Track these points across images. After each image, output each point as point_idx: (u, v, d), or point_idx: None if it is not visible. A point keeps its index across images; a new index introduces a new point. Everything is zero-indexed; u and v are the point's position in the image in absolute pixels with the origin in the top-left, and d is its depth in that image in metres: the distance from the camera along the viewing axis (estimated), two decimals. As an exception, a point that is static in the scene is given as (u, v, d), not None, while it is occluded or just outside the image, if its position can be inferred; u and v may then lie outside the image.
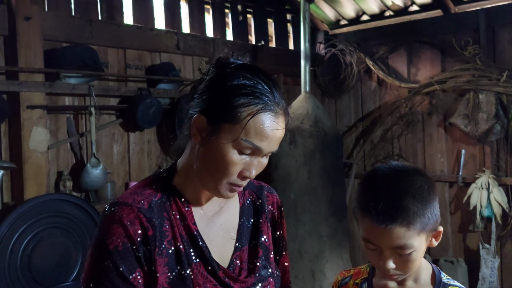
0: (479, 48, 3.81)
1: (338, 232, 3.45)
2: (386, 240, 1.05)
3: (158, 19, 3.54)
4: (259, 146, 1.02)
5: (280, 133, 1.05)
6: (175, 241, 1.05)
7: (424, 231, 1.08)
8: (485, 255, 3.76)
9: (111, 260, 0.99)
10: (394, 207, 1.04)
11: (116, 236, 1.00)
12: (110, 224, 1.01)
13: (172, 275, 1.04)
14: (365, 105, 4.57)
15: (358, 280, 1.26)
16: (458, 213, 4.05)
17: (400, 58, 4.33)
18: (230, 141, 1.02)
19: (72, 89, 2.83)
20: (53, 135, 2.85)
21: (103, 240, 1.00)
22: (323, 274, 3.29)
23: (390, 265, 1.08)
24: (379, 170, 1.15)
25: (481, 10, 3.88)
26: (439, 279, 1.16)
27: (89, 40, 2.98)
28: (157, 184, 1.10)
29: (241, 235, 1.16)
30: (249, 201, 1.21)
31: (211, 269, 1.07)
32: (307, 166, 3.43)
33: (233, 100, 1.01)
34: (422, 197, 1.07)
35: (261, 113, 1.01)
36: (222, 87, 1.04)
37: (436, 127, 4.15)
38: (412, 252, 1.07)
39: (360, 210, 1.10)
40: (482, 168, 3.86)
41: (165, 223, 1.05)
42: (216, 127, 1.03)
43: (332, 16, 4.63)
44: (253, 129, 1.01)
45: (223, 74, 1.06)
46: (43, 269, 2.55)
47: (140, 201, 1.04)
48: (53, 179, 2.85)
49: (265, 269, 1.15)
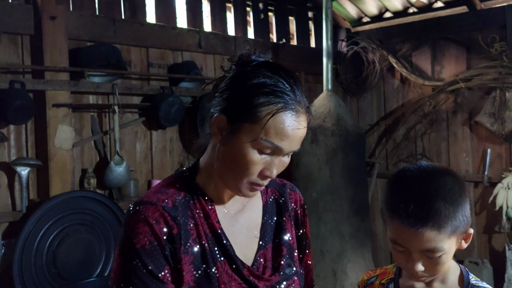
0: (506, 45, 3.72)
1: (360, 232, 3.42)
2: (416, 243, 1.04)
3: (180, 18, 3.56)
4: (279, 146, 1.01)
5: (302, 132, 1.04)
6: (199, 240, 1.05)
7: (455, 234, 1.06)
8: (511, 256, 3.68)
9: (139, 259, 0.99)
10: (425, 210, 1.02)
11: (142, 235, 1.00)
12: (136, 223, 1.01)
13: (198, 274, 1.04)
14: (387, 104, 4.51)
15: (384, 280, 1.24)
16: (483, 213, 3.97)
17: (424, 56, 4.26)
18: (250, 140, 1.01)
19: (96, 87, 2.86)
20: (77, 133, 2.89)
21: (130, 240, 1.00)
22: (345, 274, 3.26)
23: (419, 268, 1.06)
24: (408, 171, 1.12)
25: (508, 6, 3.79)
26: (467, 281, 1.14)
27: (112, 39, 3.01)
28: (180, 183, 1.10)
29: (264, 233, 1.16)
30: (272, 199, 1.21)
31: (235, 267, 1.07)
32: (329, 165, 3.40)
33: (253, 99, 1.01)
34: (453, 199, 1.04)
35: (281, 112, 1.00)
36: (243, 86, 1.03)
37: (461, 125, 4.08)
38: (442, 255, 1.05)
39: (389, 211, 1.08)
40: (509, 168, 3.78)
41: (190, 221, 1.06)
42: (236, 126, 1.02)
43: (354, 13, 4.58)
44: (273, 129, 1.00)
45: (244, 72, 1.05)
46: (68, 265, 2.59)
47: (164, 200, 1.04)
48: (77, 177, 2.89)
49: (289, 267, 1.15)
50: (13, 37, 2.67)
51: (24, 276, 2.43)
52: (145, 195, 1.08)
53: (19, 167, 2.55)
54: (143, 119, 3.16)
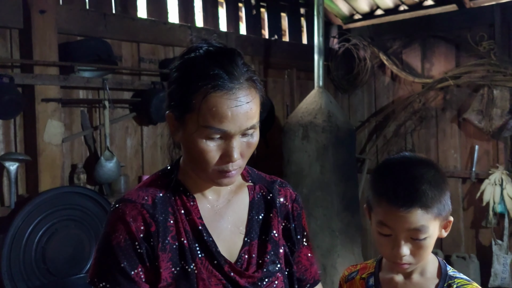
0: (494, 44, 3.78)
1: (350, 227, 3.45)
2: (403, 223, 1.07)
3: (171, 13, 3.55)
4: (222, 129, 0.98)
5: (244, 108, 0.98)
6: (179, 236, 1.05)
7: (439, 218, 1.11)
8: (498, 251, 3.75)
9: (113, 256, 1.00)
10: (413, 191, 1.07)
11: (118, 232, 1.01)
12: (114, 220, 1.02)
13: (176, 270, 1.04)
14: (378, 100, 4.55)
15: (364, 274, 1.27)
16: (471, 209, 4.03)
17: (414, 53, 4.30)
18: (195, 130, 0.99)
19: (86, 82, 2.85)
20: (67, 128, 2.88)
21: (108, 236, 1.02)
22: (335, 269, 3.29)
23: (404, 251, 1.09)
24: (393, 159, 1.20)
25: (497, 5, 3.84)
26: (445, 272, 1.17)
27: (103, 33, 2.99)
28: (162, 180, 1.10)
29: (250, 230, 1.14)
30: (259, 195, 1.19)
31: (216, 263, 1.07)
32: (320, 161, 3.42)
33: (186, 89, 0.99)
34: (438, 184, 1.10)
35: (211, 94, 0.96)
36: (177, 78, 1.03)
37: (450, 122, 4.13)
38: (426, 237, 1.09)
39: (377, 195, 1.12)
40: (496, 164, 3.84)
41: (170, 218, 1.05)
42: (181, 120, 1.02)
43: (346, 10, 4.60)
44: (209, 113, 0.97)
45: (179, 64, 1.04)
46: (57, 260, 2.58)
47: (144, 197, 1.05)
48: (67, 172, 2.87)
49: (273, 264, 1.14)
50: (2, 31, 2.64)
51: (13, 271, 2.42)
52: (128, 192, 1.09)
53: (7, 162, 2.53)
54: (134, 115, 3.15)
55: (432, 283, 1.15)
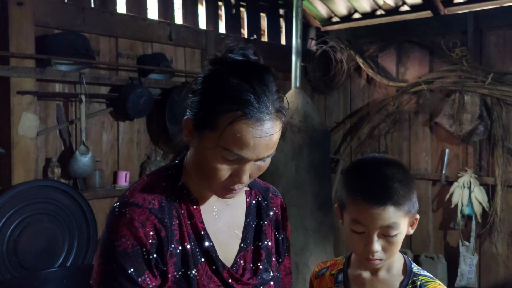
0: (467, 50, 3.88)
1: (323, 226, 3.51)
2: (377, 220, 1.12)
3: (151, 9, 3.54)
4: (240, 155, 0.96)
5: (267, 140, 0.97)
6: (182, 241, 1.04)
7: (409, 214, 1.16)
8: (465, 252, 3.84)
9: (120, 263, 0.97)
10: (386, 189, 1.12)
11: (125, 238, 0.97)
12: (121, 226, 0.99)
13: (178, 275, 1.03)
14: (353, 102, 4.62)
15: (334, 271, 1.31)
16: (440, 210, 4.13)
17: (389, 57, 4.38)
18: (211, 148, 0.97)
19: (63, 76, 2.83)
20: (42, 121, 2.85)
21: (112, 242, 0.98)
22: (307, 267, 3.34)
23: (376, 247, 1.13)
24: (365, 159, 1.25)
25: (470, 13, 3.94)
26: (410, 269, 1.22)
27: (81, 27, 2.97)
28: (166, 182, 1.07)
29: (246, 235, 1.15)
30: (255, 201, 1.20)
31: (215, 268, 1.07)
32: (295, 160, 3.47)
33: (214, 105, 0.96)
34: (407, 182, 1.16)
35: (239, 121, 0.94)
36: (208, 90, 0.99)
37: (422, 126, 4.23)
38: (397, 234, 1.14)
39: (351, 194, 1.16)
40: (465, 168, 3.94)
41: (174, 221, 1.04)
42: (199, 132, 1.00)
43: (324, 12, 4.66)
44: (231, 138, 0.95)
45: (213, 75, 1.01)
46: (29, 254, 2.56)
47: (151, 201, 1.02)
48: (41, 166, 2.85)
49: (266, 272, 1.15)
50: (-22, 22, 2.61)
51: (-16, 264, 2.40)
52: (130, 193, 1.04)
53: (-20, 154, 2.50)
54: (111, 110, 3.14)
55: (397, 280, 1.20)
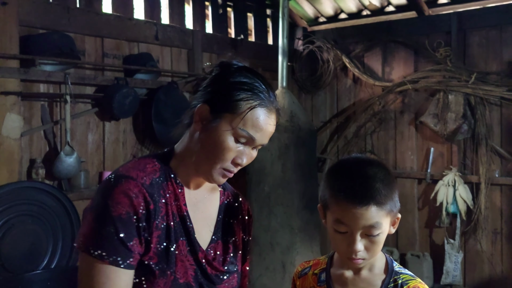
0: (450, 50, 3.92)
1: (309, 225, 3.53)
2: (360, 220, 1.13)
3: (137, 8, 3.53)
4: (253, 136, 1.14)
5: (272, 128, 1.18)
6: (167, 218, 1.15)
7: (391, 214, 1.18)
8: (450, 249, 3.88)
9: (114, 226, 1.07)
10: (368, 189, 1.13)
11: (121, 205, 1.08)
12: (117, 193, 1.09)
13: (161, 248, 1.13)
14: (340, 102, 4.65)
15: (317, 270, 1.32)
16: (425, 209, 4.18)
17: (375, 57, 4.42)
18: (229, 129, 1.14)
19: (47, 76, 2.81)
20: (26, 122, 2.83)
21: (108, 207, 1.08)
22: (294, 266, 3.36)
23: (359, 247, 1.15)
24: (347, 159, 1.27)
25: (454, 14, 3.99)
26: (391, 268, 1.23)
27: (66, 27, 2.96)
28: (157, 164, 1.19)
29: (217, 229, 1.26)
30: (227, 201, 1.32)
31: (191, 249, 1.18)
32: (282, 160, 3.49)
33: (235, 94, 1.14)
34: (389, 182, 1.17)
35: (258, 108, 1.14)
36: (226, 82, 1.17)
37: (408, 125, 4.27)
38: (379, 233, 1.15)
39: (334, 194, 1.17)
40: (449, 166, 3.99)
41: (161, 199, 1.15)
42: (217, 115, 1.15)
43: (311, 13, 4.69)
44: (250, 121, 1.14)
45: (227, 72, 1.19)
46: (13, 256, 2.53)
47: (143, 177, 1.13)
48: (25, 167, 2.83)
49: (232, 264, 1.27)
50: (-40, 21, 2.58)
51: (-33, 267, 2.37)
52: (124, 169, 1.16)
53: (-37, 156, 2.47)
54: (96, 110, 3.13)
55: (379, 278, 1.22)
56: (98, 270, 1.06)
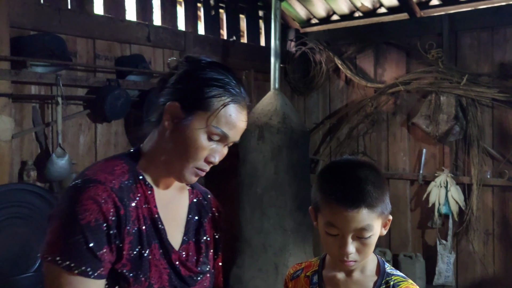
0: (442, 52, 3.94)
1: (302, 227, 3.53)
2: (351, 223, 1.12)
3: (129, 10, 3.52)
4: (227, 134, 1.12)
5: (244, 124, 1.17)
6: (138, 222, 1.11)
7: (382, 216, 1.17)
8: (442, 250, 3.90)
9: (82, 235, 1.02)
10: (360, 192, 1.13)
11: (89, 212, 1.02)
12: (85, 199, 1.03)
13: (133, 253, 1.10)
14: (332, 103, 4.66)
15: (309, 272, 1.32)
16: (417, 210, 4.19)
17: (367, 59, 4.43)
18: (202, 127, 1.11)
19: (38, 78, 2.80)
20: (18, 124, 2.81)
21: (76, 215, 1.02)
22: (287, 268, 3.35)
23: (351, 249, 1.14)
24: (338, 162, 1.27)
25: (445, 15, 4.02)
26: (383, 270, 1.23)
27: (57, 29, 2.94)
28: (125, 166, 1.14)
29: (188, 230, 1.24)
30: (196, 199, 1.30)
31: (163, 251, 1.15)
32: (274, 161, 3.49)
33: (207, 91, 1.12)
34: (380, 184, 1.17)
35: (231, 104, 1.12)
36: (197, 79, 1.14)
37: (400, 126, 4.28)
38: (371, 236, 1.15)
39: (326, 196, 1.17)
40: (441, 167, 4.01)
41: (131, 203, 1.11)
42: (189, 113, 1.12)
43: (303, 14, 4.70)
44: (224, 118, 1.11)
45: (196, 68, 1.15)
46: (2, 259, 2.51)
47: (112, 181, 1.08)
48: (16, 169, 2.81)
49: (204, 265, 1.24)
50: (-50, 22, 2.56)
51: (-44, 270, 2.35)
52: (91, 172, 1.10)
53: (-47, 158, 2.45)
54: (88, 112, 3.12)
55: (371, 280, 1.21)
56: (66, 282, 1.01)
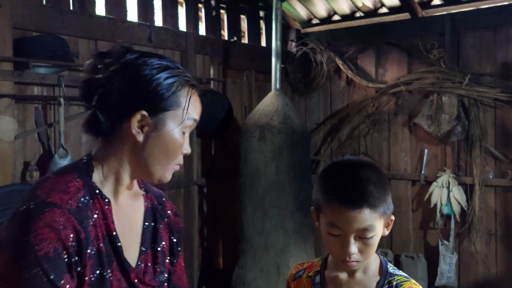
0: (444, 52, 3.94)
1: (303, 227, 3.53)
2: (353, 223, 1.12)
3: (130, 11, 3.53)
4: (197, 119, 1.13)
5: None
6: (97, 242, 1.04)
7: (384, 216, 1.17)
8: (444, 251, 3.90)
9: (41, 268, 0.93)
10: (361, 192, 1.13)
11: (47, 241, 0.93)
12: (40, 228, 0.93)
13: (94, 276, 1.02)
14: (333, 104, 4.67)
15: (311, 273, 1.32)
16: (419, 210, 4.19)
17: (368, 59, 4.43)
18: (177, 125, 1.09)
19: (41, 79, 2.80)
20: (20, 124, 2.82)
21: (32, 246, 0.92)
22: (288, 268, 3.36)
23: (353, 249, 1.14)
24: (340, 162, 1.26)
25: (447, 15, 4.01)
26: (385, 270, 1.23)
27: (59, 30, 2.95)
28: (79, 181, 1.05)
29: (145, 239, 1.17)
30: (151, 205, 1.23)
31: (122, 269, 1.08)
32: (275, 162, 3.49)
33: (166, 87, 1.07)
34: (382, 185, 1.16)
35: (193, 90, 1.12)
36: (147, 79, 1.06)
37: (401, 126, 4.28)
38: (373, 236, 1.15)
39: (327, 196, 1.17)
40: (443, 168, 4.00)
41: (90, 221, 1.03)
42: (160, 117, 1.07)
43: (304, 14, 4.70)
44: (192, 106, 1.12)
45: (136, 66, 1.07)
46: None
47: (68, 201, 0.99)
48: (19, 169, 2.82)
49: (162, 274, 1.19)
50: (-47, 24, 2.57)
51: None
52: (43, 192, 0.99)
53: (-44, 159, 2.46)
54: (90, 112, 3.12)
55: (373, 280, 1.21)
56: None
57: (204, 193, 3.94)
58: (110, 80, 1.07)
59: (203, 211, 3.97)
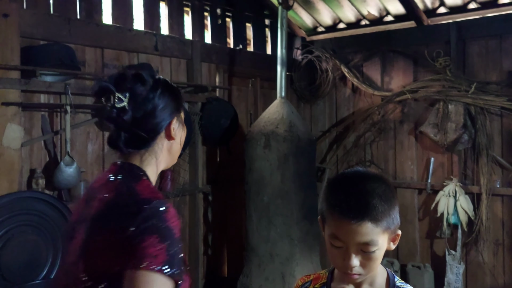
0: (450, 60, 3.93)
1: (309, 236, 3.51)
2: (354, 236, 1.11)
3: (137, 19, 3.55)
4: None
5: None
6: None
7: (388, 231, 1.15)
8: (451, 261, 3.86)
9: (178, 247, 1.19)
10: (364, 205, 1.11)
11: (177, 228, 1.21)
12: (171, 217, 1.20)
13: None
14: (339, 111, 4.66)
15: (317, 285, 1.31)
16: (426, 219, 4.16)
17: (374, 67, 4.43)
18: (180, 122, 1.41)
19: (48, 87, 2.82)
20: (27, 132, 2.84)
21: (172, 230, 1.18)
22: (293, 277, 3.34)
23: (355, 263, 1.12)
24: (346, 173, 1.24)
25: (453, 23, 4.01)
26: (393, 283, 1.22)
27: (66, 38, 2.97)
28: (149, 181, 1.33)
29: None
30: None
31: None
32: (281, 170, 3.48)
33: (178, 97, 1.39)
34: (388, 198, 1.14)
35: None
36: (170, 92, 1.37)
37: (407, 135, 4.27)
38: (376, 250, 1.13)
39: (330, 207, 1.15)
40: (450, 176, 3.98)
41: None
42: (179, 120, 1.40)
43: (309, 22, 4.71)
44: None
45: (166, 82, 1.39)
46: (12, 267, 2.52)
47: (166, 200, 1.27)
48: (25, 177, 2.83)
49: None
50: (-39, 33, 2.59)
51: (-34, 278, 2.36)
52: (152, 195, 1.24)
53: (-37, 166, 2.47)
54: (96, 120, 3.13)
55: None
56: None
57: (209, 201, 3.94)
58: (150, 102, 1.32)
59: (208, 218, 3.96)
